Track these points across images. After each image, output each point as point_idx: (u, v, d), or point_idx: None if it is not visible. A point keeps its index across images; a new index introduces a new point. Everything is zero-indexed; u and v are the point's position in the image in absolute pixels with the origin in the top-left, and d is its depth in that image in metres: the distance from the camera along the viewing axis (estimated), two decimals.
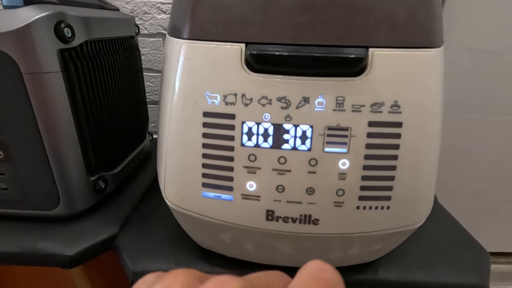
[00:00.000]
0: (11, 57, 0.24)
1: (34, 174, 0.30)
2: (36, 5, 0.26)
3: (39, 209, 0.31)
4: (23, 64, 0.25)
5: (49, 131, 0.28)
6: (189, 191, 0.22)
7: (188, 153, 0.21)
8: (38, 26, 0.25)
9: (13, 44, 0.24)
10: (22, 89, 0.26)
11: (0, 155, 0.29)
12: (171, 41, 0.24)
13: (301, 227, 0.21)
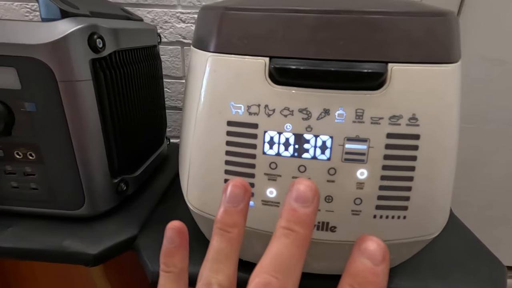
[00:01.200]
0: (49, 66, 0.26)
1: (62, 175, 0.31)
2: (72, 18, 0.27)
3: (65, 209, 0.33)
4: (59, 73, 0.27)
5: (78, 135, 0.29)
6: (211, 195, 0.23)
7: (212, 160, 0.22)
8: (74, 37, 0.27)
9: (50, 54, 0.26)
10: (57, 96, 0.27)
11: (32, 156, 0.31)
12: (196, 53, 0.26)
13: (318, 233, 0.22)
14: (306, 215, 0.14)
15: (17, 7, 0.56)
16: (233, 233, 0.15)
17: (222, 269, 0.15)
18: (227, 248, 0.15)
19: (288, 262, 0.13)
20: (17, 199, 0.33)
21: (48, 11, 0.28)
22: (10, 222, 0.33)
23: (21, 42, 0.26)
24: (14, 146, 0.30)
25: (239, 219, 0.16)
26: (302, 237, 0.13)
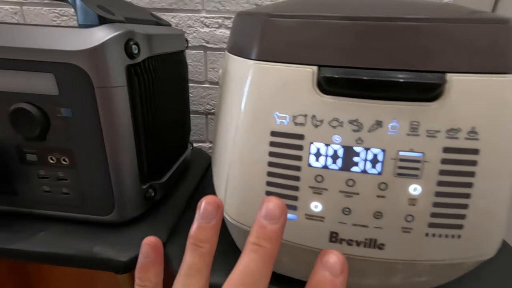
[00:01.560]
0: (86, 72, 0.26)
1: (94, 181, 0.31)
2: (110, 24, 0.27)
3: (95, 214, 0.33)
4: (96, 79, 0.27)
5: (111, 140, 0.29)
6: (251, 207, 0.22)
7: (253, 170, 0.21)
8: (112, 44, 0.26)
9: (88, 61, 0.26)
10: (93, 101, 0.27)
11: (65, 161, 0.31)
12: (233, 60, 0.25)
13: (365, 250, 0.20)
14: (273, 232, 0.15)
15: (46, 12, 0.57)
16: (205, 248, 0.16)
17: (193, 283, 0.16)
18: (199, 263, 0.16)
19: (255, 275, 0.14)
20: (48, 203, 0.33)
21: (86, 17, 0.28)
22: (42, 226, 0.33)
23: (60, 48, 0.26)
24: (48, 151, 0.30)
25: (211, 235, 0.17)
26: (269, 252, 0.15)
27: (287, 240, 0.22)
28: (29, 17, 0.58)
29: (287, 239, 0.22)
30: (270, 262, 0.15)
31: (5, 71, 0.27)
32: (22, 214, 0.34)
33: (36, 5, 0.57)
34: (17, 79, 0.27)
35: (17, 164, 0.31)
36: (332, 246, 0.21)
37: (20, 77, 0.27)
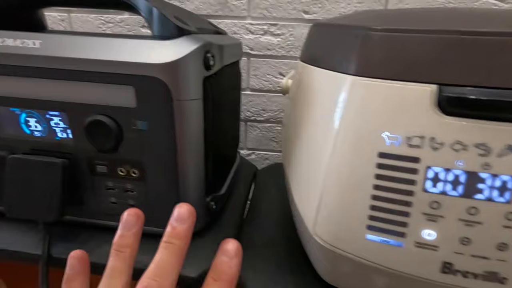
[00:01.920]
0: (167, 85, 0.26)
1: (162, 193, 0.31)
2: (188, 36, 0.27)
3: (160, 227, 0.32)
4: (176, 92, 0.26)
5: (183, 154, 0.29)
6: (350, 231, 0.21)
7: (355, 193, 0.20)
8: (193, 56, 0.26)
9: (170, 73, 0.25)
10: (170, 115, 0.27)
11: (135, 174, 0.30)
12: (319, 73, 0.24)
13: (483, 284, 0.19)
14: (182, 231, 0.19)
15: (92, 19, 0.58)
16: (126, 252, 0.19)
17: (115, 283, 0.18)
18: (121, 265, 0.19)
19: (166, 268, 0.17)
20: (114, 214, 0.32)
21: (163, 28, 0.27)
22: (107, 237, 0.33)
23: (142, 61, 0.25)
24: (119, 163, 0.30)
25: (132, 241, 0.20)
26: (178, 247, 0.18)
27: (390, 268, 0.20)
28: (76, 23, 0.59)
29: (390, 267, 0.20)
30: (180, 256, 0.19)
31: (84, 84, 0.27)
32: (87, 224, 0.33)
33: (83, 12, 0.58)
34: (95, 92, 0.27)
35: (87, 174, 0.31)
36: (443, 277, 0.19)
37: (99, 89, 0.27)
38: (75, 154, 0.30)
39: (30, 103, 0.29)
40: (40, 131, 0.30)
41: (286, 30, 0.54)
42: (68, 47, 0.27)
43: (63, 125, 0.29)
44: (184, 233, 0.19)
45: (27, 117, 0.29)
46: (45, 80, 0.27)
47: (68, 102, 0.28)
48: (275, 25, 0.54)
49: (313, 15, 0.53)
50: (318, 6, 0.52)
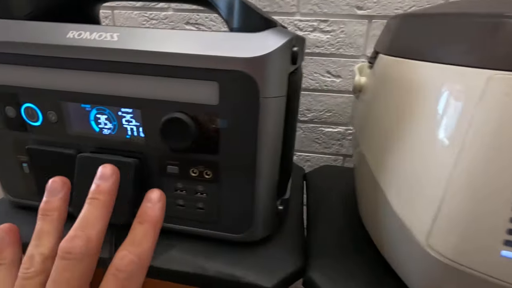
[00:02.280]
0: (255, 81, 0.24)
1: (235, 196, 0.29)
2: (276, 29, 0.25)
3: (227, 232, 0.31)
4: (263, 88, 0.24)
5: (262, 154, 0.27)
6: (479, 245, 0.19)
7: (490, 202, 0.18)
8: (282, 50, 0.24)
9: (260, 68, 0.24)
10: (255, 113, 0.25)
11: (208, 175, 0.29)
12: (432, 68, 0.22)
13: None
14: (106, 187, 0.20)
15: (136, 16, 0.57)
16: (53, 215, 0.19)
17: (44, 243, 0.18)
18: (48, 227, 0.19)
19: (91, 219, 0.18)
20: (180, 217, 0.31)
21: (249, 20, 0.26)
22: (172, 241, 0.31)
23: (230, 55, 0.24)
24: (192, 164, 0.28)
25: (59, 205, 0.20)
26: (102, 202, 0.19)
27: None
28: (119, 21, 0.58)
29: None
30: (105, 209, 0.19)
31: (164, 79, 0.25)
32: None
33: (127, 9, 0.57)
34: (175, 88, 0.25)
35: (155, 175, 0.30)
36: None
37: (180, 85, 0.25)
38: (145, 153, 0.29)
39: (103, 100, 0.27)
40: (110, 129, 0.29)
41: (337, 27, 0.52)
42: (147, 40, 0.25)
43: (135, 122, 0.28)
44: (107, 189, 0.20)
45: (97, 114, 0.28)
46: (121, 75, 0.26)
47: (144, 99, 0.26)
48: (326, 21, 0.52)
49: (366, 11, 0.50)
50: (373, 1, 0.50)
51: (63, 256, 0.16)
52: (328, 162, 0.63)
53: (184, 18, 0.56)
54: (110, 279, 0.17)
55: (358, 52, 0.53)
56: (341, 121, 0.59)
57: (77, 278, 0.16)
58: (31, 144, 0.30)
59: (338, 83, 0.56)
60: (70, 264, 0.16)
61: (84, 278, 0.17)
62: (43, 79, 0.28)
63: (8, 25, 0.28)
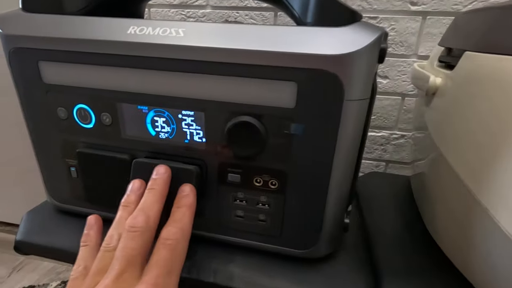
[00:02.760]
0: (341, 82, 0.21)
1: (303, 209, 0.26)
2: (361, 23, 0.22)
3: (290, 247, 0.28)
4: (349, 90, 0.21)
5: (339, 162, 0.24)
6: None
7: None
8: (372, 47, 0.21)
9: (346, 68, 0.21)
10: (336, 117, 0.22)
11: (273, 185, 0.26)
12: None
13: None
14: (161, 180, 0.24)
15: (173, 14, 0.55)
16: (131, 207, 0.24)
17: (121, 228, 0.22)
18: (126, 215, 0.23)
19: (148, 203, 0.23)
20: (237, 229, 0.29)
21: (330, 14, 0.23)
22: (229, 256, 0.29)
23: (311, 52, 0.21)
24: (256, 172, 0.26)
25: (136, 199, 0.24)
26: (158, 191, 0.24)
27: None
28: (156, 19, 0.56)
29: None
30: (161, 196, 0.24)
31: (233, 79, 0.23)
32: (203, 238, 0.30)
33: (164, 7, 0.55)
34: (246, 88, 0.23)
35: (214, 183, 0.27)
36: None
37: (251, 85, 0.23)
38: (205, 160, 0.26)
39: (163, 101, 0.25)
40: (167, 133, 0.27)
41: (387, 24, 0.49)
42: (216, 36, 0.23)
43: (196, 126, 0.26)
44: (162, 181, 0.24)
45: (155, 116, 0.26)
46: (186, 75, 0.24)
47: (210, 100, 0.24)
48: (375, 18, 0.49)
49: (421, 7, 0.47)
50: None
51: (129, 230, 0.21)
52: (369, 168, 0.59)
53: (222, 16, 0.54)
54: (160, 247, 0.21)
55: (409, 51, 0.50)
56: (386, 124, 0.55)
57: (138, 248, 0.20)
58: (82, 148, 0.29)
59: (384, 84, 0.52)
60: (134, 235, 0.21)
61: (143, 249, 0.21)
62: (99, 78, 0.26)
63: (61, 21, 0.26)
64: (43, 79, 0.27)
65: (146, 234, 0.21)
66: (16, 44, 0.26)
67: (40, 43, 0.25)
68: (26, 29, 0.26)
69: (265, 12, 0.52)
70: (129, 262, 0.20)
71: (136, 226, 0.21)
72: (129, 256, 0.20)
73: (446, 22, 0.47)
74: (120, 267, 0.19)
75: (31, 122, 0.29)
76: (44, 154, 0.31)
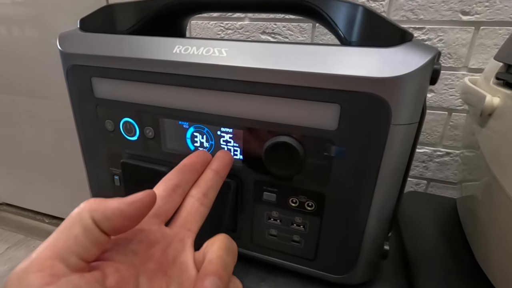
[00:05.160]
0: (389, 105, 0.20)
1: (341, 233, 0.25)
2: (412, 43, 0.21)
3: (325, 271, 0.27)
4: (397, 114, 0.20)
5: (383, 188, 0.23)
6: None
7: None
8: (424, 69, 0.20)
9: (395, 91, 0.20)
10: (381, 141, 0.21)
11: (310, 207, 0.25)
12: None
13: None
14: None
15: (212, 26, 0.57)
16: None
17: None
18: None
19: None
20: (270, 248, 0.28)
21: (377, 33, 0.22)
22: (260, 274, 0.29)
23: (358, 74, 0.20)
24: (293, 193, 0.25)
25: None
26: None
27: None
28: (196, 31, 0.58)
29: None
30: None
31: (274, 99, 0.23)
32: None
33: (204, 19, 0.57)
34: (286, 109, 0.23)
35: (249, 200, 0.27)
36: None
37: (292, 106, 0.22)
38: (241, 177, 0.27)
39: (203, 118, 0.26)
40: (205, 148, 0.27)
41: (435, 35, 0.46)
42: (258, 56, 0.23)
43: (233, 143, 0.26)
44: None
45: (194, 132, 0.27)
46: (227, 93, 0.24)
47: (249, 119, 0.24)
48: (421, 29, 0.46)
49: (474, 16, 0.43)
50: (484, 5, 0.42)
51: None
52: (409, 186, 0.56)
53: (260, 27, 0.54)
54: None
55: (458, 63, 0.46)
56: (429, 141, 0.52)
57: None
58: (125, 158, 0.30)
59: (429, 98, 0.49)
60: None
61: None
62: (144, 94, 0.27)
63: (113, 40, 0.28)
64: (95, 94, 0.29)
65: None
66: (73, 61, 0.28)
67: (93, 61, 0.27)
68: (81, 48, 0.28)
69: (303, 24, 0.51)
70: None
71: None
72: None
73: (503, 33, 0.43)
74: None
75: (82, 132, 0.32)
76: (91, 161, 0.33)
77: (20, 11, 0.80)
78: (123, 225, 0.15)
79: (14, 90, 0.92)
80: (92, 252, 0.14)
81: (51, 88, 0.87)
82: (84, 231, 0.14)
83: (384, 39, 0.21)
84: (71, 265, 0.13)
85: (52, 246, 0.13)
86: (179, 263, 0.18)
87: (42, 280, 0.12)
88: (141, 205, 0.15)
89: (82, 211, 0.14)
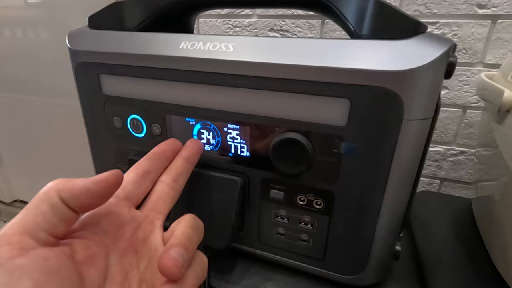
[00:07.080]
0: (401, 100, 0.19)
1: (349, 233, 0.24)
2: (426, 35, 0.20)
3: (333, 271, 0.26)
4: (409, 109, 0.19)
5: (393, 186, 0.22)
6: None
7: None
8: (439, 63, 0.19)
9: (408, 86, 0.19)
10: (393, 138, 0.20)
11: (319, 205, 0.25)
12: None
13: None
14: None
15: (220, 24, 0.57)
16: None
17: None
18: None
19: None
20: (277, 247, 0.28)
21: (390, 25, 0.21)
22: (267, 272, 0.28)
23: (369, 68, 0.19)
24: (300, 191, 0.25)
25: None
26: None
27: None
28: (204, 29, 0.58)
29: None
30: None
31: (282, 94, 0.22)
32: (242, 252, 0.29)
33: (212, 17, 0.57)
34: (295, 104, 0.22)
35: (256, 198, 0.27)
36: None
37: (301, 101, 0.22)
38: (248, 174, 0.26)
39: (210, 114, 0.25)
40: (212, 145, 0.27)
41: (449, 30, 0.44)
42: (266, 51, 0.22)
43: (240, 140, 0.25)
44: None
45: (201, 128, 0.26)
46: (234, 89, 0.24)
47: (256, 115, 0.24)
48: (435, 23, 0.45)
49: (491, 10, 0.42)
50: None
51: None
52: (421, 185, 0.54)
53: (268, 24, 0.54)
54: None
55: (473, 59, 0.45)
56: (442, 139, 0.50)
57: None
58: (133, 155, 0.30)
59: (443, 95, 0.47)
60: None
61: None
62: (151, 91, 0.27)
63: (120, 37, 0.28)
64: (103, 91, 0.29)
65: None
66: (82, 59, 0.28)
67: (101, 58, 0.27)
68: (90, 45, 0.28)
69: (312, 20, 0.51)
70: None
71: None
72: None
73: None
74: None
75: (90, 129, 0.32)
76: (99, 158, 0.33)
77: (34, 13, 0.82)
78: (90, 203, 0.16)
79: (29, 90, 0.95)
80: (60, 228, 0.14)
81: (64, 87, 0.88)
82: (52, 208, 0.14)
83: (396, 31, 0.20)
84: (40, 239, 0.13)
85: (20, 223, 0.13)
86: (149, 242, 0.18)
87: (11, 252, 0.12)
88: (107, 183, 0.16)
89: (49, 190, 0.14)
